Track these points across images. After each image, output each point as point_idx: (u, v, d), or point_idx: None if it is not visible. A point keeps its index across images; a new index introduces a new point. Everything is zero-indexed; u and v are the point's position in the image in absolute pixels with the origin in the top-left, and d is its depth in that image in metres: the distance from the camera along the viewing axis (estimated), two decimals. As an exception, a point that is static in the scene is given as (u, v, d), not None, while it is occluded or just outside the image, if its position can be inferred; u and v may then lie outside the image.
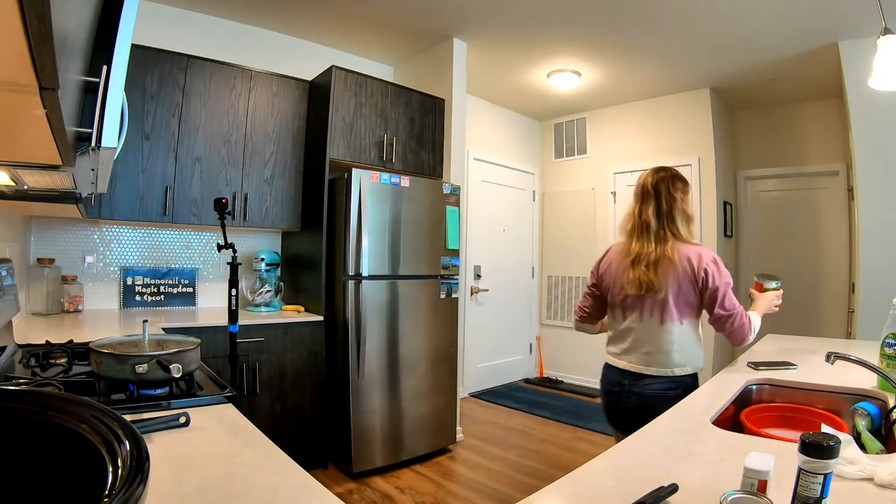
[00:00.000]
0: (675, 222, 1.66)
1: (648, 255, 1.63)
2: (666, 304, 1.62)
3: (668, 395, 1.55)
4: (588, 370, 4.91)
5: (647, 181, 1.72)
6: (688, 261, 1.60)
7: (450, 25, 3.30)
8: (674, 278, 1.60)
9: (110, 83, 0.71)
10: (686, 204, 1.70)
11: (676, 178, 1.71)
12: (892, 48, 1.85)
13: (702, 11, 2.93)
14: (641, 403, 1.62)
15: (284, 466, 0.79)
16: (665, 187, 1.68)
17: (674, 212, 1.66)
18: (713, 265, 1.60)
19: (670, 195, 1.67)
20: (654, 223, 1.66)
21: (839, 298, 4.03)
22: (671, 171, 1.73)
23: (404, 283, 2.93)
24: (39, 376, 1.18)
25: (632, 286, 1.66)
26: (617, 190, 4.77)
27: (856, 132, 3.14)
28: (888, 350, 1.38)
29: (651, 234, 1.65)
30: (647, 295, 1.64)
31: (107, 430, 0.48)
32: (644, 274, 1.63)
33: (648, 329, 1.66)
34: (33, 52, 0.38)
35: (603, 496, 0.76)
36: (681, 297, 1.61)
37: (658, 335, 1.64)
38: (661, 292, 1.62)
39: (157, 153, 2.61)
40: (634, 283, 1.65)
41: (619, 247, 1.78)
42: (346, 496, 2.51)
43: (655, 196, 1.68)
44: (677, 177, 1.72)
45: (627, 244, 1.72)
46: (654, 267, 1.62)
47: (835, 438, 0.66)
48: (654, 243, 1.64)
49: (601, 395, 1.84)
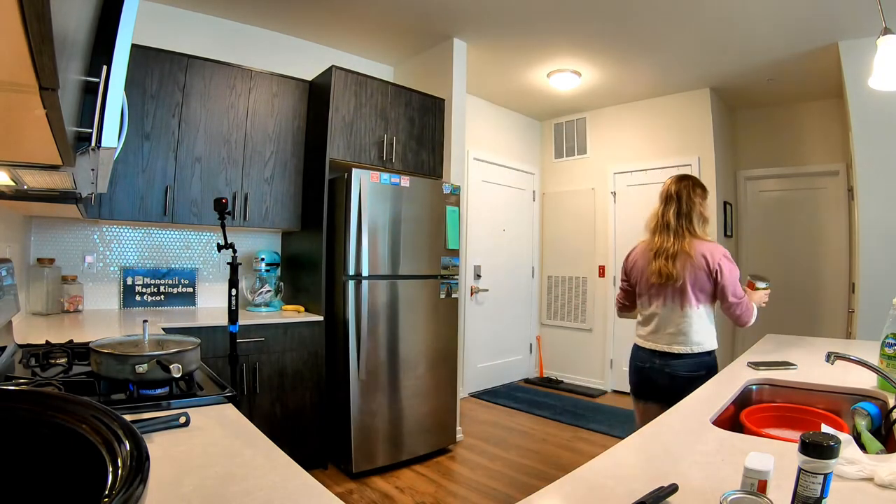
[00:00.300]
0: (693, 222, 1.91)
1: (668, 249, 1.89)
2: (684, 292, 1.87)
3: (695, 377, 1.78)
4: (588, 370, 4.92)
5: (670, 187, 1.97)
6: (702, 256, 1.85)
7: (450, 25, 3.30)
8: (690, 269, 1.86)
9: (110, 83, 0.71)
10: (703, 207, 1.95)
11: (696, 186, 1.97)
12: (892, 48, 1.85)
13: (702, 11, 2.94)
14: (671, 383, 1.84)
15: (284, 466, 0.79)
16: (686, 193, 1.93)
17: (692, 213, 1.91)
18: (726, 260, 1.85)
19: (690, 199, 1.92)
20: (674, 222, 1.91)
21: (839, 298, 4.03)
22: (692, 178, 2.00)
23: (404, 283, 2.93)
24: (39, 376, 1.18)
25: (654, 276, 1.92)
26: (617, 190, 4.77)
27: (856, 132, 3.14)
28: (888, 350, 1.38)
29: (671, 232, 1.91)
30: (667, 283, 1.90)
31: (107, 430, 0.48)
32: (664, 265, 1.89)
33: (671, 313, 1.91)
34: (33, 52, 0.38)
35: (603, 496, 0.76)
36: (696, 285, 1.86)
37: (679, 318, 1.89)
38: (679, 281, 1.87)
39: (157, 153, 2.61)
40: (656, 273, 1.91)
41: (644, 244, 2.04)
42: (346, 496, 2.51)
43: (677, 200, 1.93)
44: (697, 184, 1.97)
45: (650, 240, 1.98)
46: (673, 259, 1.88)
47: (835, 438, 0.66)
48: (673, 239, 1.90)
49: (630, 370, 2.07)
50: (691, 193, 1.93)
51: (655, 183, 4.50)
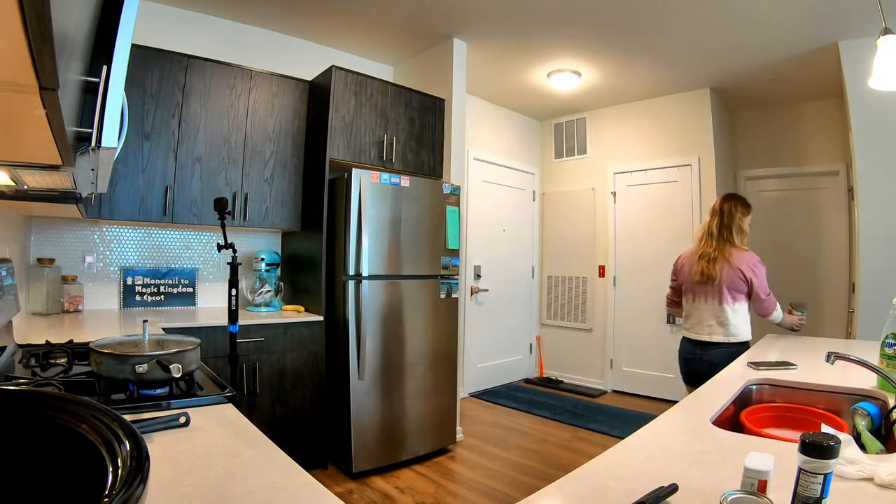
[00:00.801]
0: (732, 233, 2.28)
1: (709, 254, 2.28)
2: (721, 290, 2.25)
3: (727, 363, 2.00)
4: (588, 370, 4.92)
5: (717, 204, 2.36)
6: (738, 262, 2.23)
7: (450, 25, 3.30)
8: (726, 272, 2.24)
9: (110, 83, 0.71)
10: (743, 222, 2.30)
11: (739, 203, 2.32)
12: (892, 48, 1.85)
13: (702, 11, 2.94)
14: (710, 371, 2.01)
15: (284, 466, 0.79)
16: (728, 208, 2.31)
17: (732, 226, 2.28)
18: (759, 267, 2.24)
19: (731, 214, 2.29)
20: (716, 232, 2.31)
21: (839, 298, 4.03)
22: (737, 197, 2.35)
23: (404, 283, 2.93)
24: (39, 376, 1.18)
25: (697, 275, 2.31)
26: (617, 190, 4.77)
27: (856, 132, 3.14)
28: (888, 350, 1.38)
29: (713, 240, 2.30)
30: (707, 282, 2.28)
31: (107, 430, 0.48)
32: (705, 267, 2.28)
33: (710, 308, 2.29)
34: (33, 52, 0.38)
35: (603, 496, 0.76)
36: (732, 286, 2.23)
37: (716, 312, 2.27)
38: (717, 280, 2.25)
39: (157, 153, 2.61)
40: (698, 272, 2.30)
41: (691, 249, 2.44)
42: (346, 496, 2.51)
43: (720, 214, 2.32)
44: (741, 202, 2.33)
45: (696, 246, 2.39)
46: (713, 262, 2.26)
47: (835, 438, 0.66)
48: (714, 245, 2.29)
49: (679, 361, 2.45)
50: (733, 209, 2.29)
51: (655, 183, 4.51)
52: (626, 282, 4.70)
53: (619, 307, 4.75)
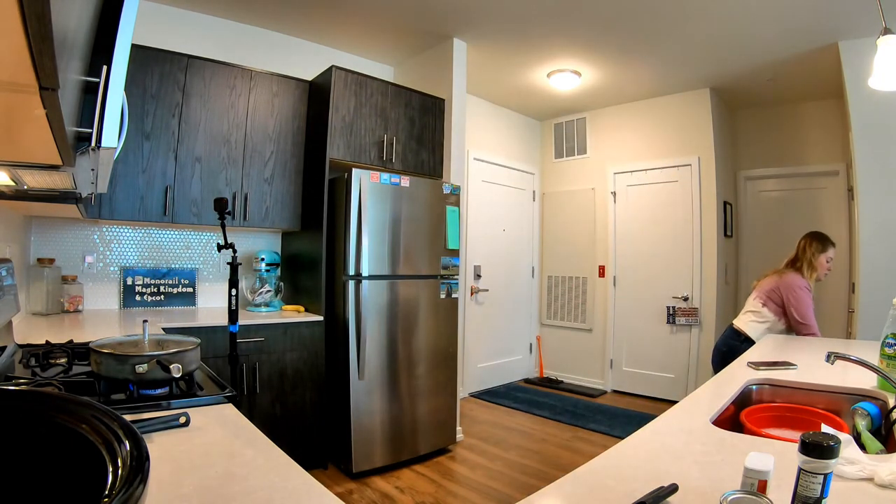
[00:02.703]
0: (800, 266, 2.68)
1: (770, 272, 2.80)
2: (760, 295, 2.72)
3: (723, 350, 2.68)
4: (588, 370, 4.92)
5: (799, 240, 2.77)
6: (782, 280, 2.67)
7: (450, 25, 3.30)
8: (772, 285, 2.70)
9: (110, 83, 0.71)
10: (815, 258, 2.66)
11: (813, 240, 2.70)
12: (892, 48, 1.85)
13: (702, 11, 2.94)
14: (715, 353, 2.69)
15: (284, 466, 0.79)
16: (802, 245, 2.73)
17: (802, 261, 2.69)
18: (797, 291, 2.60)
19: (804, 250, 2.71)
20: (786, 261, 2.79)
21: (839, 298, 4.03)
22: (816, 235, 2.72)
23: (404, 283, 2.93)
24: (39, 376, 1.18)
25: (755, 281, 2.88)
26: (617, 190, 4.77)
27: (856, 132, 3.14)
28: (888, 350, 1.38)
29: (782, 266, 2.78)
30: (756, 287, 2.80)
31: (107, 430, 0.48)
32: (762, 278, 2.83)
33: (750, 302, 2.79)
34: (33, 52, 0.38)
35: (603, 496, 0.76)
36: (769, 297, 2.68)
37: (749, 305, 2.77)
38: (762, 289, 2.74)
39: (157, 153, 2.61)
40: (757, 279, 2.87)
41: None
42: (346, 496, 2.51)
43: (796, 248, 2.76)
44: (816, 240, 2.70)
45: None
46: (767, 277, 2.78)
47: (835, 438, 0.66)
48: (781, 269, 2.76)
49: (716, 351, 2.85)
50: (807, 246, 2.69)
51: (655, 183, 4.51)
52: (626, 282, 4.70)
53: (619, 307, 4.75)
